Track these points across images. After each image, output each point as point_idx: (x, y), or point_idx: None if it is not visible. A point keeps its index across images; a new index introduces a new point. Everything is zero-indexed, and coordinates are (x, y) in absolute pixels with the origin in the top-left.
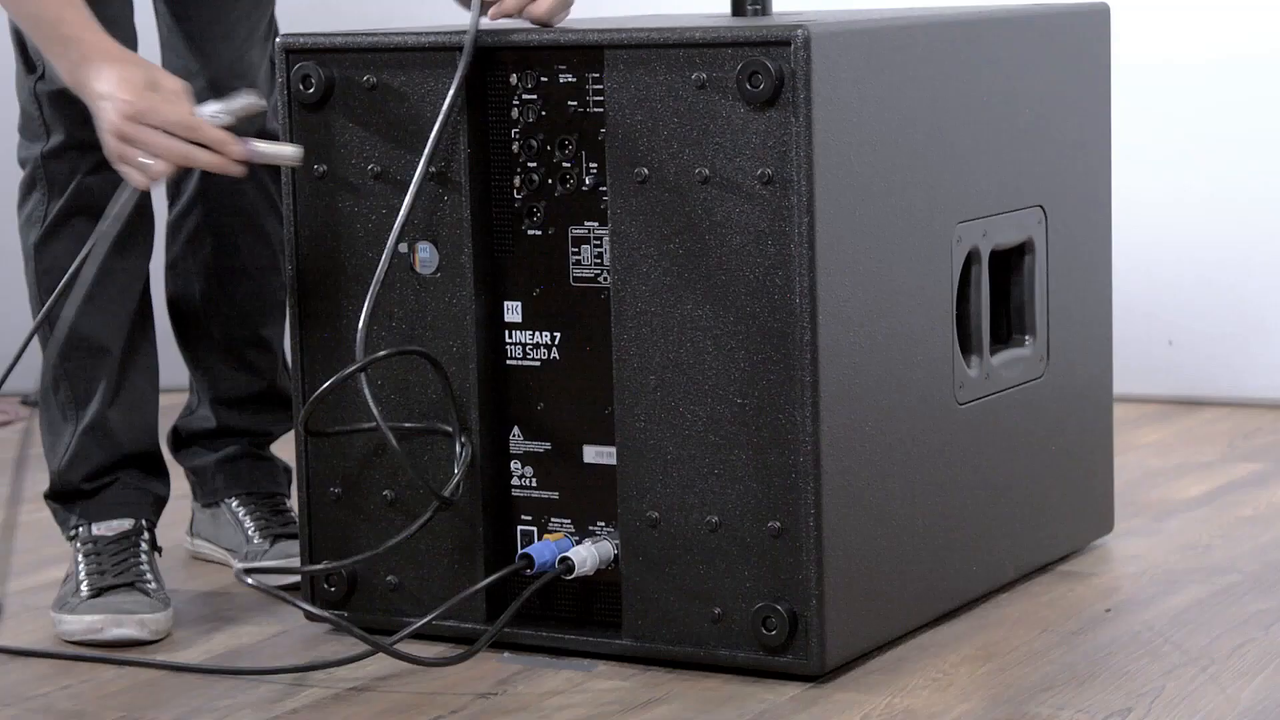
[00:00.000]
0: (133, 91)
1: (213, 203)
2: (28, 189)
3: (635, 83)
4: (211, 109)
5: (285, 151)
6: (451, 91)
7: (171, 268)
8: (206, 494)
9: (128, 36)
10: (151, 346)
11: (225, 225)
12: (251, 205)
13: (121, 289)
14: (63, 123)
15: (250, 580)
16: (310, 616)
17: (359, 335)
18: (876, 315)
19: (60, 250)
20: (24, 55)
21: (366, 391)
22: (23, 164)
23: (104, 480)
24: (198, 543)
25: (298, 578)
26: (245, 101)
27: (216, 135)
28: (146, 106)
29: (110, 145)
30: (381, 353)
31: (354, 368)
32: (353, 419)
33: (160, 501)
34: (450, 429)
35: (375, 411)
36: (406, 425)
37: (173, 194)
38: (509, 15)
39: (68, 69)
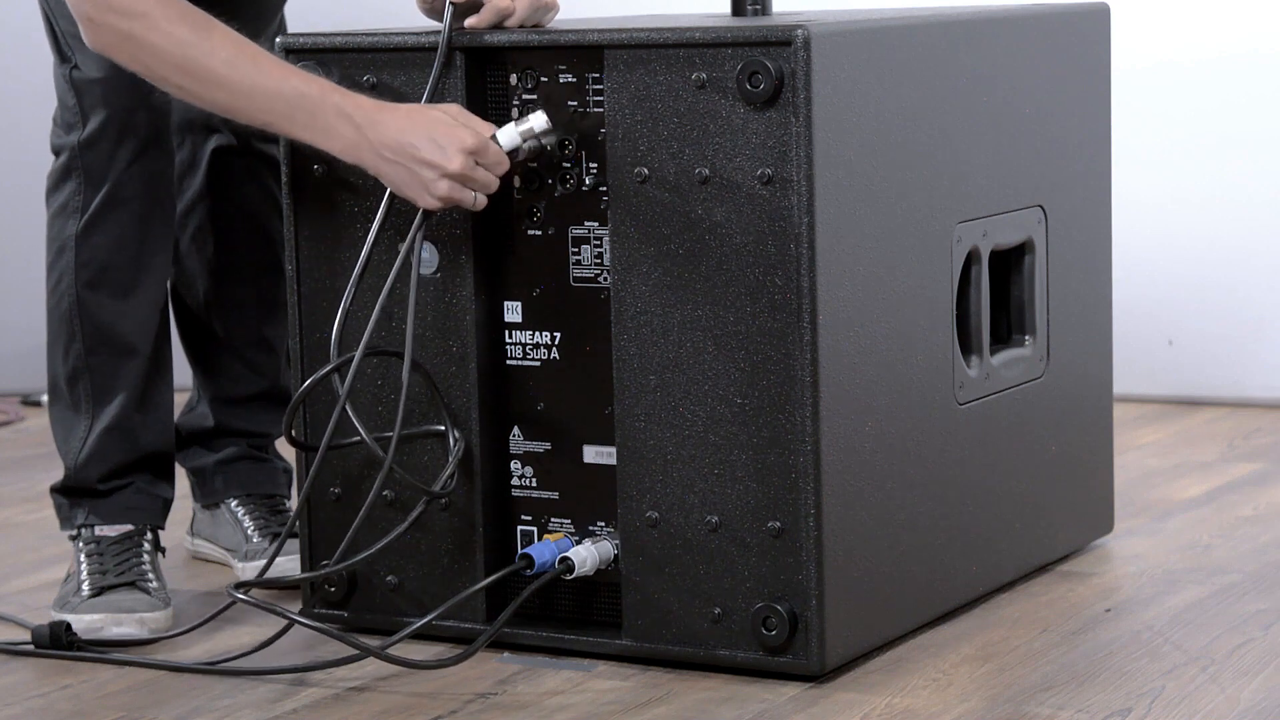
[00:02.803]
0: (459, 132)
1: (216, 202)
2: (62, 177)
3: (635, 83)
4: (509, 135)
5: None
6: (425, 97)
7: (175, 264)
8: (206, 494)
9: None
10: (170, 346)
11: (228, 225)
12: (255, 205)
13: (154, 288)
14: (98, 112)
15: (242, 596)
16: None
17: (333, 338)
18: (876, 315)
19: (101, 243)
20: (57, 44)
21: (343, 397)
22: (57, 152)
23: (119, 482)
24: (198, 542)
25: (298, 563)
26: (542, 122)
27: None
28: (481, 144)
29: (441, 190)
30: (352, 354)
31: (325, 370)
32: (352, 419)
33: (167, 505)
34: (441, 428)
35: (355, 419)
36: (391, 434)
37: (176, 190)
38: (485, 27)
39: (350, 140)
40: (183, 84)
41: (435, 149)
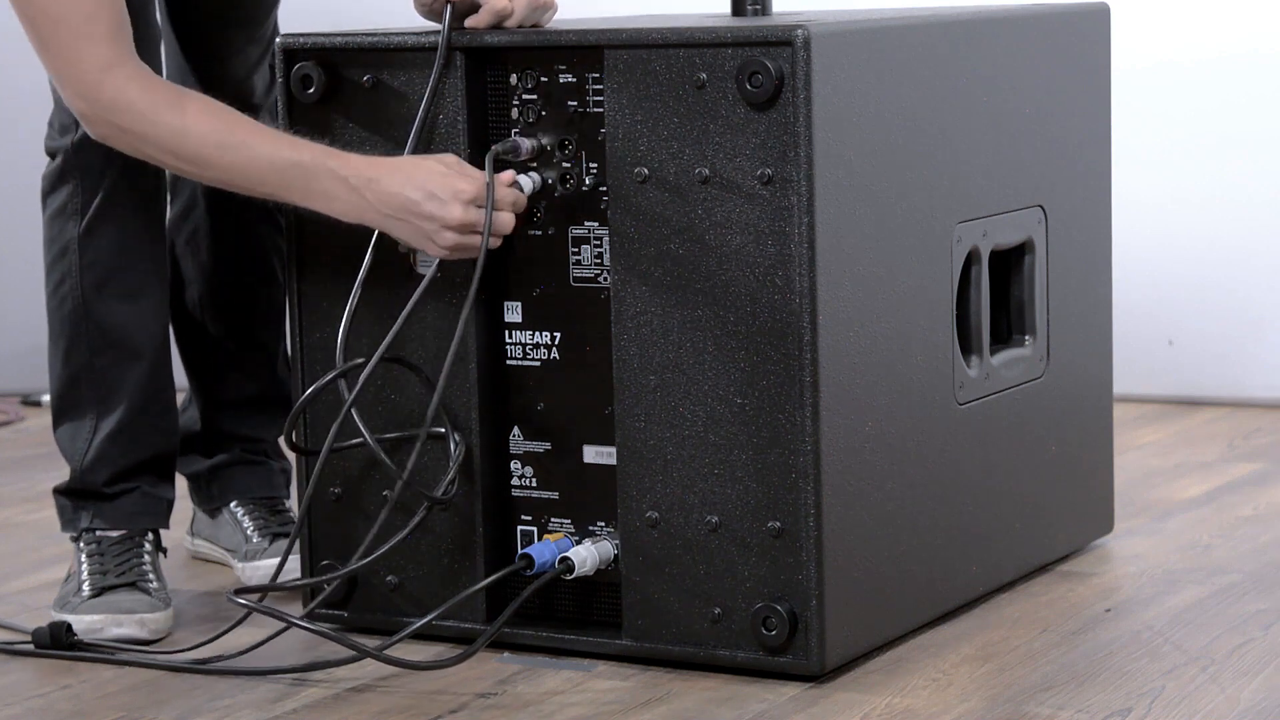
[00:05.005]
0: (456, 182)
1: (211, 206)
2: (58, 180)
3: (635, 83)
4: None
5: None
6: (426, 98)
7: (170, 267)
8: (204, 500)
9: (150, 27)
10: (169, 348)
11: (222, 228)
12: (248, 210)
13: (159, 289)
14: None
15: (240, 600)
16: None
17: (339, 342)
18: (876, 315)
19: (105, 245)
20: None
21: (349, 401)
22: (52, 155)
23: (125, 485)
24: (198, 542)
25: (298, 567)
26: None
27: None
28: (478, 190)
29: (446, 240)
30: (357, 360)
31: (330, 376)
32: (350, 421)
33: (170, 506)
34: (442, 431)
35: (360, 423)
36: (394, 435)
37: (172, 194)
38: (484, 27)
39: (349, 202)
40: (181, 167)
41: (434, 202)
